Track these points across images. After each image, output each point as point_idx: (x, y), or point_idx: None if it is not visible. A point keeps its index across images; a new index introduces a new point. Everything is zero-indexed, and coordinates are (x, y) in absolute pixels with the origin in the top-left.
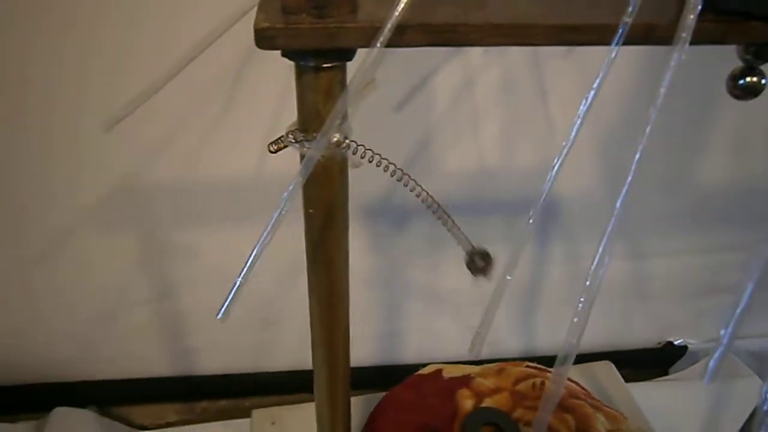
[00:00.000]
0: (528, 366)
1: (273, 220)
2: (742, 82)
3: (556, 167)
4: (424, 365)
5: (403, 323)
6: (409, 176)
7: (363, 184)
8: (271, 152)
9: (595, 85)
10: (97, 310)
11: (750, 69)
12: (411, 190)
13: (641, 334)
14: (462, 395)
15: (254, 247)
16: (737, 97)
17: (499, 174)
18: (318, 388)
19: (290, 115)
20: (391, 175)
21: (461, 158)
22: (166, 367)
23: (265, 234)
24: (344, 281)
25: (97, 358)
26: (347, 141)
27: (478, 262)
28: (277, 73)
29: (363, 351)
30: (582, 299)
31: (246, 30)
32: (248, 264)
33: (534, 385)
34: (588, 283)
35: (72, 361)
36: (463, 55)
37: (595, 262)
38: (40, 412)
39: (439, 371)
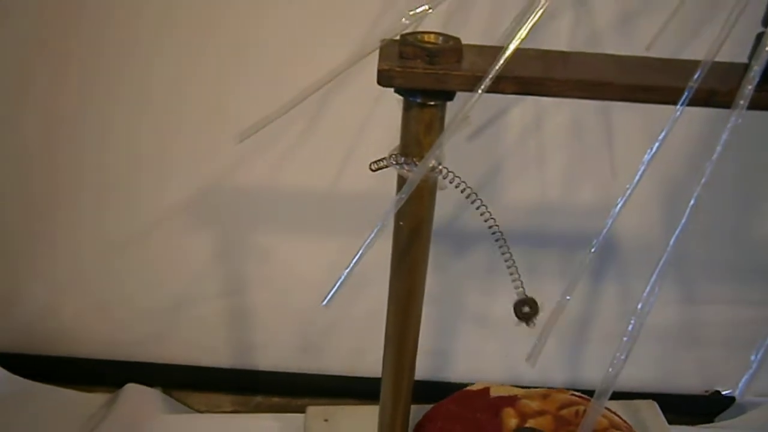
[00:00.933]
0: (573, 394)
1: (376, 229)
2: None
3: (619, 206)
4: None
5: (452, 343)
6: (486, 207)
7: None
8: (372, 170)
9: (660, 138)
10: (171, 298)
11: None
12: (485, 221)
13: (688, 380)
14: (507, 414)
15: (360, 248)
16: None
17: (559, 210)
18: (385, 385)
19: (368, 139)
20: (471, 202)
21: (524, 191)
22: (228, 358)
23: (369, 237)
24: (421, 289)
25: (167, 342)
26: (440, 167)
27: (525, 309)
28: (361, 101)
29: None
30: (633, 320)
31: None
32: (355, 260)
33: (578, 412)
34: (639, 306)
35: (143, 342)
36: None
37: (647, 290)
38: (110, 386)
39: (486, 389)
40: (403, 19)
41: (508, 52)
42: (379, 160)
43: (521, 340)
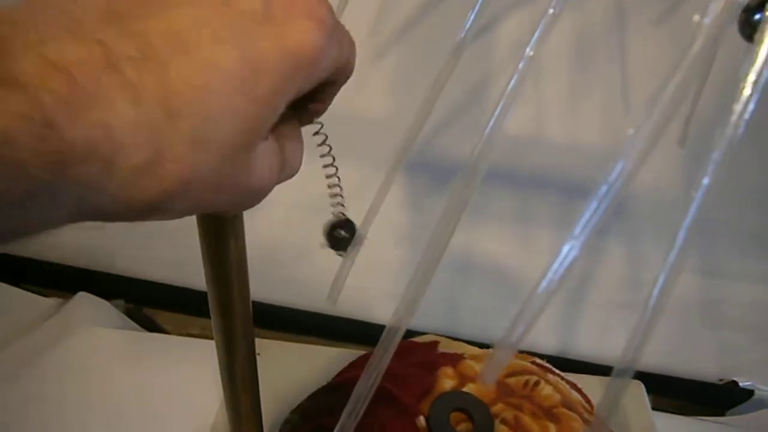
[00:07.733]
0: (534, 362)
1: None
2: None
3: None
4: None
5: (428, 290)
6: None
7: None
8: None
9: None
10: None
11: None
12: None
13: (701, 365)
14: (444, 374)
15: None
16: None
17: (556, 148)
18: None
19: None
20: None
21: (514, 122)
22: (203, 281)
23: None
24: None
25: (142, 257)
26: None
27: (341, 233)
28: None
29: (383, 309)
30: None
31: None
32: None
33: (527, 383)
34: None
35: (117, 252)
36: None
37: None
38: (71, 292)
39: (435, 343)
40: None
41: None
42: None
43: (504, 294)
